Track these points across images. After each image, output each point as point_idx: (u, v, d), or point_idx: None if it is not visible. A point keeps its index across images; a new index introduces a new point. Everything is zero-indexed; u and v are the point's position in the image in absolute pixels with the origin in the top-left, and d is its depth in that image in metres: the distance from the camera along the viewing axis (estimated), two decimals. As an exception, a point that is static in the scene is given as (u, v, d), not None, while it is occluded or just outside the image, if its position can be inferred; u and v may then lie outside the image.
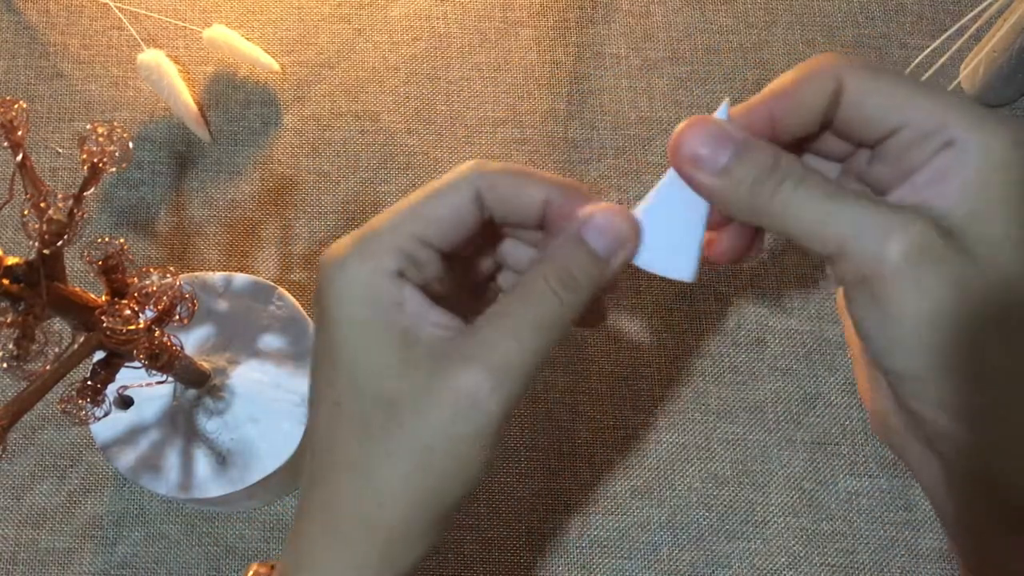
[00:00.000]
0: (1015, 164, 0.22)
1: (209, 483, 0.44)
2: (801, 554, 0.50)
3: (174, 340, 0.39)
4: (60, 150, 0.56)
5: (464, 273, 0.30)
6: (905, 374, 0.23)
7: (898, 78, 0.24)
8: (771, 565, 0.50)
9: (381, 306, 0.25)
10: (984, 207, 0.22)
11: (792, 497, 0.51)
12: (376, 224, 0.26)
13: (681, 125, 0.25)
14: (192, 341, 0.46)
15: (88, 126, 0.35)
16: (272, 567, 0.33)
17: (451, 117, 0.58)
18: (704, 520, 0.51)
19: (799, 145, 0.27)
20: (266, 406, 0.45)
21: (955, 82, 0.49)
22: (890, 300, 0.22)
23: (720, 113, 0.26)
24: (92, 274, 0.36)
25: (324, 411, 0.26)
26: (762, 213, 0.24)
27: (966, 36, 0.44)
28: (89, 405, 0.37)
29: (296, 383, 0.46)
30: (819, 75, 0.24)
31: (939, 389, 0.23)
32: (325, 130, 0.57)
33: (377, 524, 0.25)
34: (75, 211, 0.33)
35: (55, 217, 0.33)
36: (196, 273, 0.48)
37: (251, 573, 0.33)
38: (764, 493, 0.51)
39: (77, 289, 0.34)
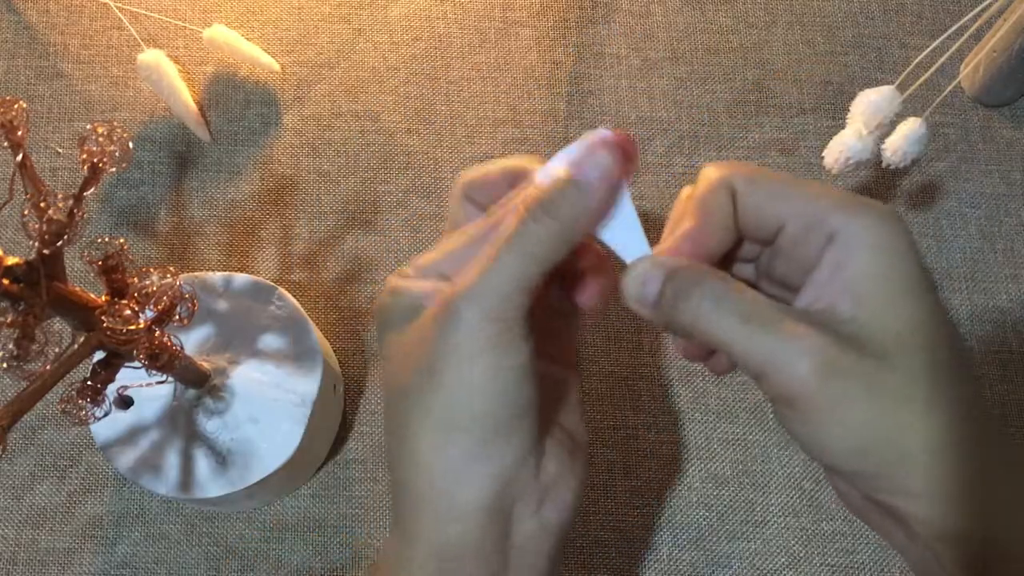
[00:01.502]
0: (894, 253, 0.24)
1: (209, 483, 0.44)
2: (801, 554, 0.50)
3: (174, 340, 0.39)
4: (60, 150, 0.56)
5: None
6: (849, 473, 0.25)
7: (776, 177, 0.26)
8: (771, 565, 0.50)
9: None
10: (877, 304, 0.24)
11: (792, 497, 0.51)
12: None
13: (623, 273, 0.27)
14: (192, 341, 0.46)
15: (88, 126, 0.35)
16: None
17: (451, 117, 0.58)
18: (704, 520, 0.51)
19: (729, 255, 0.29)
20: (266, 406, 0.45)
21: (955, 82, 0.49)
22: (812, 415, 0.24)
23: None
24: (92, 274, 0.36)
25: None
26: (693, 334, 0.25)
27: (966, 36, 0.44)
28: (89, 405, 0.36)
29: (296, 383, 0.46)
30: (716, 190, 0.26)
31: (890, 480, 0.24)
32: (325, 130, 0.57)
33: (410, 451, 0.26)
34: (75, 211, 0.33)
35: (55, 217, 0.33)
36: (196, 273, 0.48)
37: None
38: (764, 493, 0.51)
39: (77, 289, 0.34)
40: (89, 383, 0.37)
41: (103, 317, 0.34)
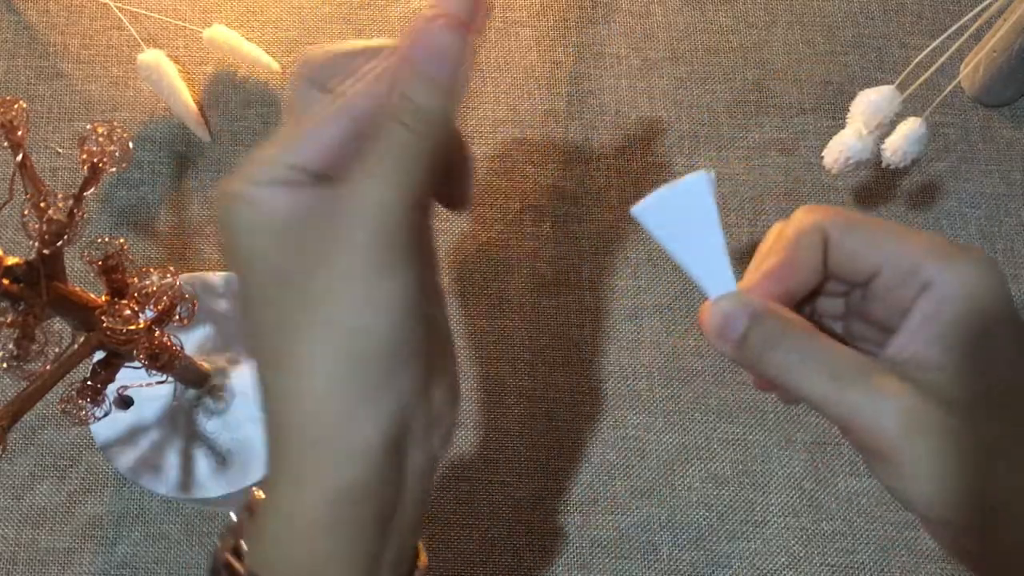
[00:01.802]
0: (987, 305, 0.25)
1: (209, 483, 0.44)
2: (801, 554, 0.50)
3: (174, 340, 0.39)
4: (60, 150, 0.56)
5: None
6: (939, 522, 0.25)
7: (872, 223, 0.27)
8: (771, 565, 0.50)
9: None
10: (968, 357, 0.25)
11: (792, 497, 0.51)
12: None
13: (705, 306, 0.27)
14: (192, 341, 0.46)
15: (88, 126, 0.35)
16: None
17: (451, 117, 0.58)
18: (704, 520, 0.51)
19: (812, 293, 0.29)
20: (266, 406, 0.45)
21: (955, 82, 0.49)
22: (902, 469, 0.25)
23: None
24: (92, 274, 0.36)
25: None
26: (775, 380, 0.26)
27: (966, 36, 0.44)
28: (89, 405, 0.37)
29: (296, 383, 0.46)
30: (808, 232, 0.27)
31: (979, 530, 0.25)
32: (325, 130, 0.57)
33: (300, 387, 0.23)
34: (75, 211, 0.33)
35: (55, 217, 0.33)
36: (196, 273, 0.48)
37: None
38: (764, 493, 0.51)
39: (77, 289, 0.34)
40: (89, 383, 0.37)
41: (103, 317, 0.34)
